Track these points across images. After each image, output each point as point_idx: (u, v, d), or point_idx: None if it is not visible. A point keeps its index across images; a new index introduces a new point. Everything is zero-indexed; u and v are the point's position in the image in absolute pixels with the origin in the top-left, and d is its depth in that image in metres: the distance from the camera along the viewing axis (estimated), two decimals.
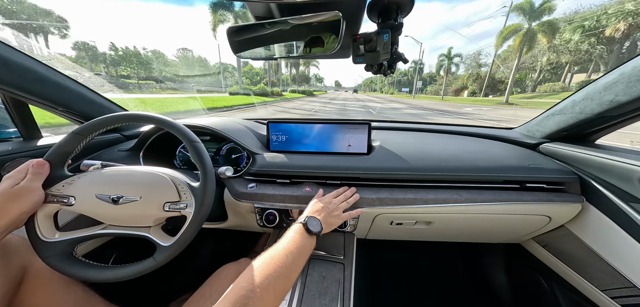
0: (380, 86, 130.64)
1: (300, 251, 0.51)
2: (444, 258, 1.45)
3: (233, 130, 0.94)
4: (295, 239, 0.53)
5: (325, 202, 0.69)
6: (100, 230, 0.58)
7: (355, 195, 0.77)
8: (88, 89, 0.96)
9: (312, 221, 0.60)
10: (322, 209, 0.66)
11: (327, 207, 0.68)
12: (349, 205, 0.74)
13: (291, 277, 0.47)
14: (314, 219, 0.61)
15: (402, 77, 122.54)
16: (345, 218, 0.71)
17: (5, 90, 0.74)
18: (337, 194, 0.76)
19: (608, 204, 0.69)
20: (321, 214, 0.65)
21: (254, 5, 0.56)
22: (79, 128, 0.59)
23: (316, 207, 0.67)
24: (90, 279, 0.54)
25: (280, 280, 0.43)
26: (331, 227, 0.66)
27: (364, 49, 0.59)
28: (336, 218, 0.68)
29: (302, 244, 0.53)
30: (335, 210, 0.69)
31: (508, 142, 1.02)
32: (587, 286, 0.78)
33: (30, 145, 0.84)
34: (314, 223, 0.59)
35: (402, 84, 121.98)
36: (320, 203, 0.68)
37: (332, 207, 0.69)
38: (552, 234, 0.89)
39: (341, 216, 0.70)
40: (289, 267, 0.46)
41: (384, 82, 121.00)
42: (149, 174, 0.61)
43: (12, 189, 0.47)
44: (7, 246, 0.54)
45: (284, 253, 0.48)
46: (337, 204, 0.71)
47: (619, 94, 0.66)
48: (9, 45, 0.71)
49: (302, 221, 0.59)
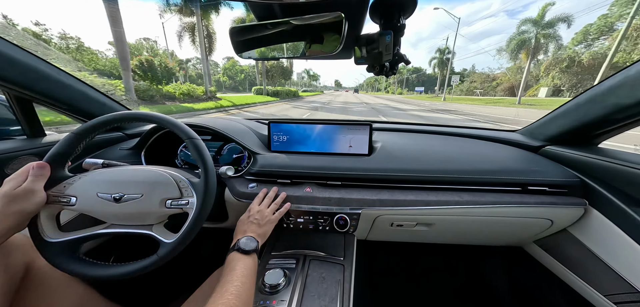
0: (386, 85, 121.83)
1: (245, 274, 0.51)
2: (444, 260, 1.44)
3: (234, 130, 0.94)
4: (237, 267, 0.52)
5: (250, 216, 0.68)
6: (104, 229, 0.59)
7: (282, 194, 0.78)
8: (91, 87, 0.96)
9: (243, 241, 0.59)
10: (250, 224, 0.66)
11: (254, 219, 0.67)
12: (277, 205, 0.74)
13: (248, 301, 0.47)
14: (245, 238, 0.60)
15: (411, 75, 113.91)
16: (277, 218, 0.71)
17: (9, 88, 0.75)
18: (259, 200, 0.75)
19: (611, 207, 0.68)
20: (251, 229, 0.64)
21: (256, 6, 0.56)
22: (80, 128, 0.59)
23: (243, 227, 0.66)
24: (95, 277, 0.55)
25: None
26: (265, 236, 0.66)
27: (366, 50, 0.59)
28: (268, 224, 0.68)
29: (245, 266, 0.53)
30: (264, 218, 0.69)
31: (510, 145, 1.02)
32: (589, 290, 0.78)
33: (34, 143, 0.85)
34: (247, 242, 0.59)
35: (410, 82, 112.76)
36: (246, 221, 0.67)
37: (260, 217, 0.68)
38: (554, 238, 0.88)
39: (271, 220, 0.70)
40: (243, 297, 0.46)
41: (388, 80, 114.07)
42: (150, 172, 0.61)
43: (14, 191, 0.48)
44: (9, 244, 0.55)
45: (233, 287, 0.47)
46: (264, 210, 0.71)
47: (623, 97, 0.65)
48: (13, 44, 0.72)
49: (233, 248, 0.58)
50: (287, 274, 0.66)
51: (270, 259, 0.74)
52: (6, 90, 0.76)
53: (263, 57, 0.72)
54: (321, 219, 0.82)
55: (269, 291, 0.61)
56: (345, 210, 0.79)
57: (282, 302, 0.59)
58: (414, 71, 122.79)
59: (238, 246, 0.57)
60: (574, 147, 0.83)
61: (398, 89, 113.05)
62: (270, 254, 0.76)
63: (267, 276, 0.63)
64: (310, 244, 0.78)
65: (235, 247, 0.58)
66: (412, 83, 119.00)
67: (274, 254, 0.75)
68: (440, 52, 65.04)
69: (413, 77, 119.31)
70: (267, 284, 0.61)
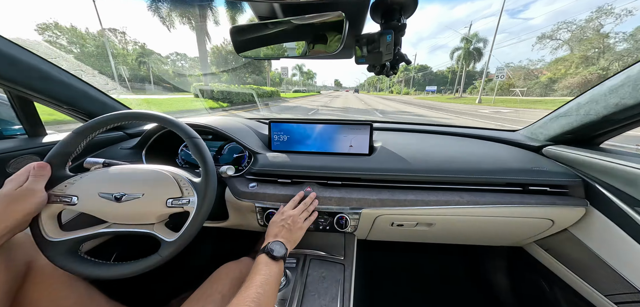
0: (389, 85, 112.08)
1: (269, 281, 0.51)
2: (445, 260, 1.44)
3: (235, 129, 0.94)
4: (263, 270, 0.53)
5: (283, 220, 0.68)
6: (105, 228, 0.59)
7: (314, 201, 0.77)
8: (92, 87, 0.97)
9: (274, 246, 0.59)
10: (282, 229, 0.65)
11: (286, 225, 0.67)
12: (309, 213, 0.74)
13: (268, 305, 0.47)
14: (276, 244, 0.60)
15: (416, 73, 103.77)
16: (307, 227, 0.71)
17: (11, 87, 0.75)
18: (294, 204, 0.75)
19: (613, 208, 0.68)
20: (282, 233, 0.64)
21: (257, 5, 0.56)
22: (80, 127, 0.59)
23: (275, 229, 0.65)
24: (97, 276, 0.55)
25: None
26: (295, 243, 0.66)
27: (366, 50, 0.59)
28: (299, 232, 0.68)
29: (270, 273, 0.53)
30: (296, 223, 0.68)
31: (511, 145, 1.02)
32: (590, 290, 0.78)
33: (35, 142, 0.85)
34: (277, 247, 0.58)
35: (416, 81, 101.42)
36: (279, 224, 0.67)
37: (291, 223, 0.67)
38: (555, 238, 0.88)
39: (303, 227, 0.69)
40: (263, 303, 0.46)
41: (392, 79, 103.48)
42: (151, 171, 0.61)
43: (15, 192, 0.48)
44: (11, 243, 0.55)
45: (254, 290, 0.48)
46: (296, 217, 0.70)
47: (625, 97, 0.65)
48: (15, 43, 0.72)
49: (264, 249, 0.58)
50: (287, 273, 0.66)
51: None
52: (7, 89, 0.76)
53: (264, 57, 0.72)
54: (321, 218, 0.82)
55: None
56: (345, 210, 0.79)
57: (283, 302, 0.59)
58: (419, 69, 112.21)
59: (268, 249, 0.57)
60: (576, 147, 0.83)
61: (404, 89, 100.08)
62: None
63: None
64: (311, 243, 0.78)
65: (266, 249, 0.58)
66: (419, 82, 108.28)
67: None
68: (467, 41, 51.49)
69: (419, 75, 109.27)
70: None
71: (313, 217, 0.75)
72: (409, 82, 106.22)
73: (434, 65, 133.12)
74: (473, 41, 50.78)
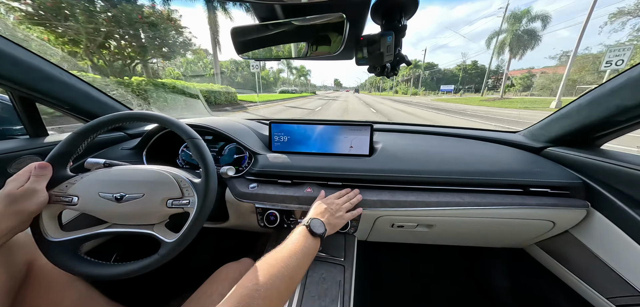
0: (392, 84, 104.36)
1: (304, 253, 0.51)
2: (445, 262, 1.44)
3: (235, 130, 0.94)
4: (299, 241, 0.53)
5: (328, 203, 0.70)
6: (105, 229, 0.59)
7: (358, 196, 0.77)
8: (93, 87, 0.97)
9: (315, 222, 0.60)
10: (326, 211, 0.66)
11: (330, 209, 0.68)
12: (352, 206, 0.74)
13: (295, 278, 0.47)
14: (317, 221, 0.60)
15: (423, 71, 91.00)
16: (348, 218, 0.71)
17: (13, 88, 0.75)
18: (340, 195, 0.76)
19: (614, 210, 0.68)
20: (325, 215, 0.65)
21: (258, 7, 0.56)
22: (82, 128, 0.59)
23: (319, 209, 0.67)
24: (97, 276, 0.55)
25: (285, 281, 0.43)
26: (335, 228, 0.66)
27: (367, 51, 0.59)
28: (339, 219, 0.68)
29: (306, 246, 0.53)
30: (339, 211, 0.69)
31: (512, 146, 1.01)
32: (592, 292, 0.77)
33: (37, 143, 0.85)
34: (318, 225, 0.59)
35: (424, 80, 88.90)
36: (324, 205, 0.69)
37: (335, 208, 0.69)
38: (555, 240, 0.88)
39: (344, 217, 0.70)
40: (293, 269, 0.46)
41: (397, 78, 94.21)
42: (151, 171, 0.61)
43: (17, 191, 0.48)
44: (11, 243, 0.55)
45: (288, 255, 0.48)
46: (340, 205, 0.71)
47: (625, 99, 0.65)
48: (17, 44, 0.72)
49: (305, 223, 0.59)
50: None
51: None
52: (9, 90, 0.77)
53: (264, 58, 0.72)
54: None
55: None
56: None
57: None
58: (426, 67, 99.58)
59: (309, 223, 0.58)
60: (576, 149, 0.83)
61: (412, 89, 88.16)
62: None
63: None
64: None
65: (307, 223, 0.58)
66: (426, 81, 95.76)
67: None
68: (514, 18, 33.24)
69: (426, 73, 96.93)
70: None
71: (357, 212, 0.74)
72: (414, 81, 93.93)
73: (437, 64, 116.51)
74: (523, 21, 33.41)
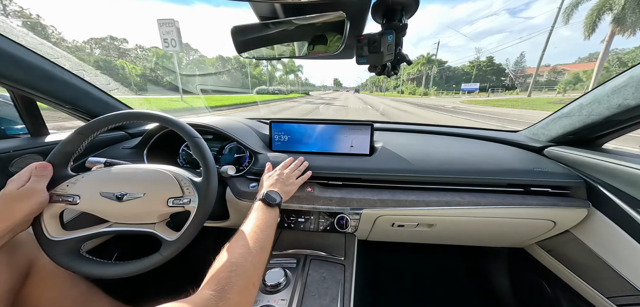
0: (396, 83, 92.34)
1: (267, 224, 0.54)
2: (446, 261, 1.44)
3: (236, 129, 0.94)
4: (260, 216, 0.56)
5: (278, 175, 0.73)
6: (107, 228, 0.59)
7: (304, 163, 0.82)
8: (94, 86, 0.97)
9: (270, 194, 0.63)
10: (277, 182, 0.70)
11: (281, 178, 0.72)
12: (300, 172, 0.79)
13: (266, 248, 0.50)
14: (272, 192, 0.64)
15: (429, 70, 73.70)
16: (299, 183, 0.76)
17: (14, 87, 0.75)
18: (286, 165, 0.79)
19: (615, 209, 0.68)
20: (277, 186, 0.68)
21: (258, 5, 0.56)
22: (82, 127, 0.59)
23: (270, 181, 0.70)
24: (99, 275, 0.55)
25: (257, 254, 0.46)
26: (289, 194, 0.70)
27: (367, 50, 0.59)
28: (291, 186, 0.72)
29: (267, 217, 0.56)
30: (289, 179, 0.73)
31: (513, 145, 1.01)
32: (592, 292, 0.77)
33: (38, 142, 0.86)
34: (273, 195, 0.63)
35: (431, 78, 73.95)
36: (274, 176, 0.72)
37: (285, 177, 0.73)
38: (556, 239, 0.88)
39: (296, 183, 0.74)
40: (261, 241, 0.49)
41: (402, 77, 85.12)
42: (152, 171, 0.62)
43: (18, 191, 0.48)
44: (13, 241, 0.55)
45: (253, 230, 0.51)
46: (289, 174, 0.75)
47: (628, 98, 0.64)
48: (18, 44, 0.72)
49: (260, 197, 0.62)
50: (287, 273, 0.66)
51: (271, 258, 0.74)
52: (11, 89, 0.77)
53: (265, 57, 0.72)
54: (322, 219, 0.82)
55: (270, 290, 0.61)
56: (346, 210, 0.79)
57: (283, 302, 0.59)
58: (439, 64, 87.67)
59: (263, 197, 0.61)
60: (578, 148, 0.83)
61: (420, 88, 75.30)
62: (271, 253, 0.76)
63: (268, 275, 0.63)
64: (311, 244, 0.78)
65: (261, 197, 0.61)
66: (434, 79, 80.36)
67: (275, 254, 0.75)
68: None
69: (435, 71, 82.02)
70: (267, 283, 0.61)
71: (306, 176, 0.79)
72: (422, 79, 78.39)
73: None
74: None
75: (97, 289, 0.69)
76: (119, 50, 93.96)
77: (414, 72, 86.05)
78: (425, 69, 77.50)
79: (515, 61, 79.13)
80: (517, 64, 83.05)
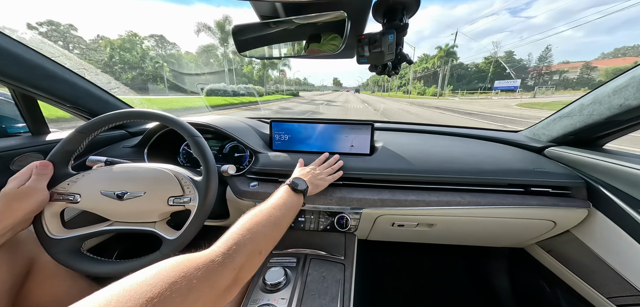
0: (400, 83, 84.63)
1: (287, 206, 0.55)
2: (445, 261, 1.44)
3: (236, 128, 0.94)
4: (283, 196, 0.56)
5: (310, 168, 0.74)
6: (107, 226, 0.59)
7: (339, 162, 0.82)
8: (95, 85, 0.97)
9: (298, 181, 0.63)
10: (308, 173, 0.71)
11: (313, 172, 0.73)
12: (333, 170, 0.79)
13: (280, 225, 0.50)
14: (299, 180, 0.64)
15: (436, 68, 63.42)
16: (330, 181, 0.76)
17: (15, 85, 0.76)
18: (320, 161, 0.81)
19: (616, 210, 0.68)
20: (307, 176, 0.69)
21: (259, 5, 0.56)
22: (82, 126, 0.59)
23: (302, 171, 0.71)
24: (99, 273, 0.55)
25: (269, 226, 0.46)
26: (317, 188, 0.71)
27: (368, 50, 0.59)
28: (322, 181, 0.72)
29: (290, 200, 0.57)
30: (320, 174, 0.74)
31: (513, 146, 1.01)
32: (592, 292, 0.77)
33: (38, 140, 0.86)
34: (300, 182, 0.63)
35: (439, 77, 63.90)
36: (305, 169, 0.73)
37: (317, 172, 0.73)
38: (557, 239, 0.87)
39: (326, 179, 0.74)
40: (277, 218, 0.49)
41: (405, 76, 76.80)
42: (152, 170, 0.62)
43: (18, 190, 0.49)
44: (14, 239, 0.56)
45: (272, 207, 0.51)
46: (322, 170, 0.76)
47: (629, 98, 0.64)
48: (19, 42, 0.72)
49: (288, 182, 0.62)
50: (287, 272, 0.66)
51: (271, 257, 0.74)
52: (12, 87, 0.77)
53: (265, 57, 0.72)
54: (322, 218, 0.82)
55: (270, 288, 0.61)
56: (346, 209, 0.79)
57: (283, 301, 0.59)
58: (444, 58, 71.65)
59: (291, 182, 0.62)
60: (578, 149, 0.82)
61: (432, 88, 65.43)
62: (271, 252, 0.76)
63: (268, 274, 0.63)
64: (311, 243, 0.78)
65: (289, 181, 0.62)
66: (453, 79, 69.42)
67: (275, 253, 0.76)
68: None
69: (445, 69, 68.66)
70: (268, 282, 0.61)
71: (338, 174, 0.79)
72: (430, 77, 68.76)
73: None
74: None
75: (98, 287, 0.69)
76: (64, 39, 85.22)
77: (420, 70, 76.05)
78: (442, 64, 65.40)
79: (540, 56, 71.08)
80: (542, 60, 75.60)
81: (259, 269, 0.70)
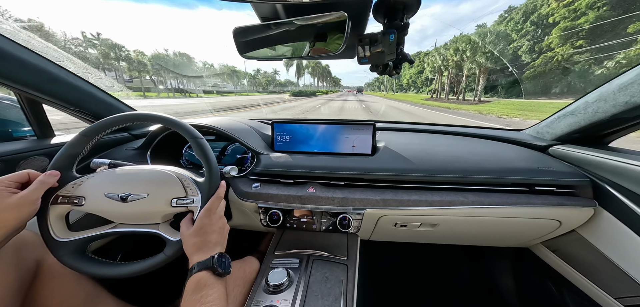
0: (407, 82, 77.53)
1: (221, 299, 0.44)
2: (449, 261, 1.43)
3: (238, 130, 0.95)
4: (208, 293, 0.45)
5: (205, 225, 0.54)
6: (111, 228, 0.60)
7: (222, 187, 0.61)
8: (98, 89, 0.98)
9: (217, 260, 0.49)
10: (209, 233, 0.53)
11: (207, 228, 0.54)
12: (220, 200, 0.60)
13: None
14: (219, 257, 0.50)
15: (445, 63, 46.83)
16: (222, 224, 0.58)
17: (21, 90, 0.77)
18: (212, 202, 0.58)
19: (622, 208, 0.67)
20: (211, 238, 0.53)
21: (259, 6, 0.56)
22: (86, 129, 0.60)
23: (199, 239, 0.52)
24: (104, 275, 0.56)
25: None
26: (223, 239, 0.56)
27: (369, 50, 0.59)
28: (214, 232, 0.55)
29: (219, 292, 0.45)
30: (212, 223, 0.55)
31: (517, 144, 1.00)
32: (599, 292, 0.76)
33: (44, 144, 0.87)
34: (221, 262, 0.50)
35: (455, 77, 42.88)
36: (200, 231, 0.53)
37: (206, 225, 0.55)
38: (562, 239, 0.86)
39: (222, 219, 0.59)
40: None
41: (410, 75, 73.25)
42: (155, 171, 0.62)
43: (9, 202, 0.47)
44: (21, 241, 0.56)
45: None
46: (212, 214, 0.56)
47: (635, 95, 0.63)
48: (24, 47, 0.74)
49: (207, 266, 0.48)
50: (290, 273, 0.66)
51: (274, 258, 0.74)
52: (18, 92, 0.78)
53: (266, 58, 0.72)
54: (324, 219, 0.82)
55: (273, 290, 0.61)
56: (348, 210, 0.79)
57: (286, 302, 0.59)
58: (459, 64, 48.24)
59: (214, 264, 0.49)
60: (583, 147, 0.81)
61: (444, 91, 48.83)
62: (273, 253, 0.77)
63: (270, 275, 0.63)
64: (314, 244, 0.78)
65: (213, 263, 0.49)
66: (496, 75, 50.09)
67: (278, 254, 0.76)
68: None
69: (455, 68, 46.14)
70: (270, 283, 0.61)
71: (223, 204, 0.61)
72: (440, 76, 52.72)
73: None
74: None
75: (103, 289, 0.70)
76: None
77: (434, 66, 55.43)
78: (461, 57, 45.73)
79: None
80: None
81: (262, 271, 0.70)
